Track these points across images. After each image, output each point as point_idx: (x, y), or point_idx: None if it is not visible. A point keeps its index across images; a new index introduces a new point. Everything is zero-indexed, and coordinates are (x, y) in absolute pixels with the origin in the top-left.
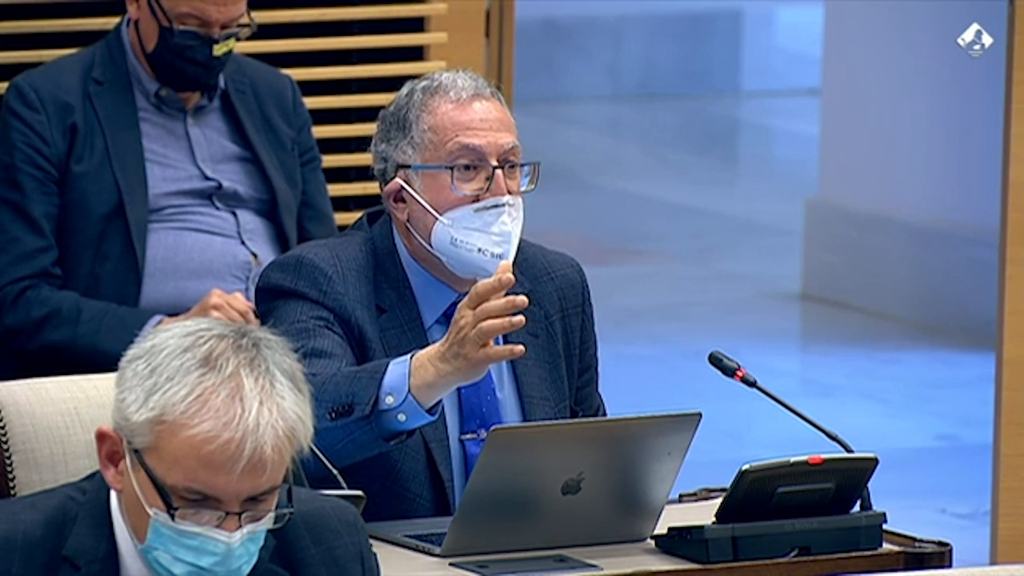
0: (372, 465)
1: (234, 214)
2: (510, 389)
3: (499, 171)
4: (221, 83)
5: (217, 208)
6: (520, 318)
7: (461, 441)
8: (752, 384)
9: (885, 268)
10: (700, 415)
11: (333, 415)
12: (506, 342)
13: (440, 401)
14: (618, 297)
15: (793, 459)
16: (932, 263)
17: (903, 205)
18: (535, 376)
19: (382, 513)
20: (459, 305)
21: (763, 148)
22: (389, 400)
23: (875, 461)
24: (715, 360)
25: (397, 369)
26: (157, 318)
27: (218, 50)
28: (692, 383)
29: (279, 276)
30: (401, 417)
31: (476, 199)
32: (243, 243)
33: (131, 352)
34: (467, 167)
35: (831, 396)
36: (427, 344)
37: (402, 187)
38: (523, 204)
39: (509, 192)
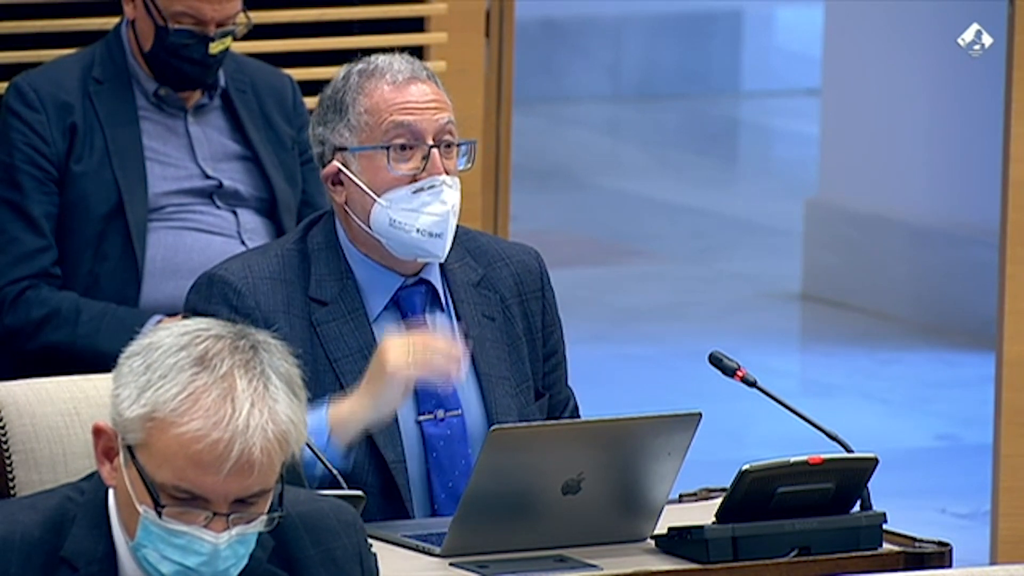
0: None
1: (234, 213)
2: (467, 369)
3: (435, 150)
4: (221, 82)
5: (217, 207)
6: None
7: (418, 423)
8: (752, 384)
9: (885, 268)
10: (700, 415)
11: None
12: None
13: (353, 451)
14: (618, 297)
15: (793, 459)
16: (932, 263)
17: (903, 205)
18: (492, 356)
19: None
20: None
21: (763, 148)
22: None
23: (875, 461)
24: (715, 360)
25: (314, 414)
26: (156, 318)
27: (214, 48)
28: (692, 383)
29: (195, 298)
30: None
31: (413, 179)
32: (243, 243)
33: (129, 348)
34: (403, 147)
35: (831, 396)
36: (372, 333)
37: (340, 169)
38: (460, 184)
39: (446, 172)
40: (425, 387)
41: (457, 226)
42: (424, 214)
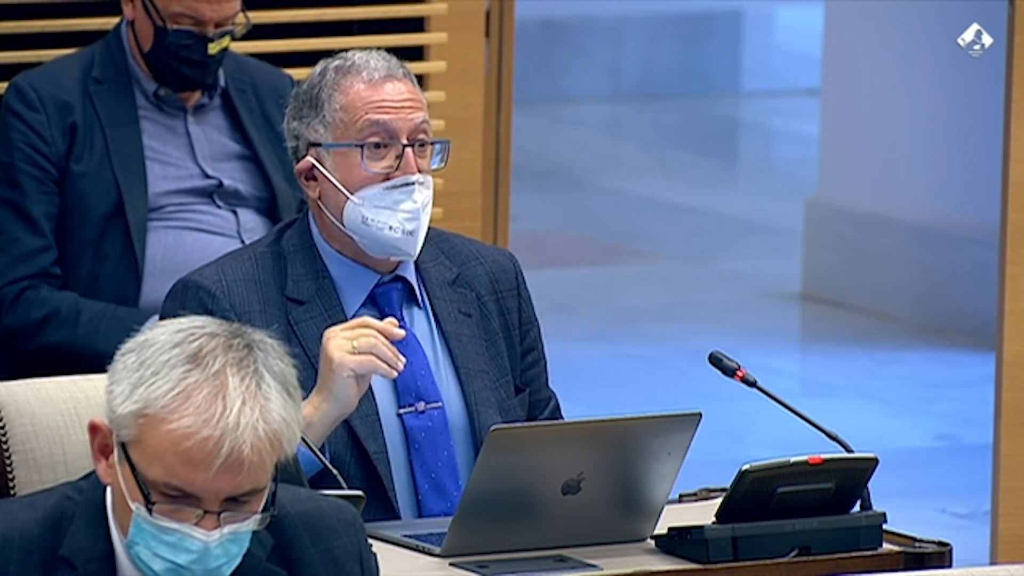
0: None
1: (234, 213)
2: (445, 362)
3: (409, 149)
4: (221, 81)
5: (218, 207)
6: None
7: (399, 416)
8: (752, 384)
9: (885, 268)
10: (700, 415)
11: None
12: (439, 325)
13: (325, 445)
14: (618, 297)
15: (793, 459)
16: (932, 263)
17: (903, 205)
18: (471, 351)
19: None
20: (326, 332)
21: (763, 148)
22: None
23: (875, 461)
24: (715, 360)
25: None
26: (155, 318)
27: (213, 48)
28: (692, 383)
29: (170, 304)
30: None
31: (386, 177)
32: (243, 242)
33: (125, 346)
34: (377, 145)
35: (831, 396)
36: None
37: (313, 165)
38: (432, 184)
39: (419, 170)
40: (403, 381)
41: (429, 228)
42: (397, 212)
